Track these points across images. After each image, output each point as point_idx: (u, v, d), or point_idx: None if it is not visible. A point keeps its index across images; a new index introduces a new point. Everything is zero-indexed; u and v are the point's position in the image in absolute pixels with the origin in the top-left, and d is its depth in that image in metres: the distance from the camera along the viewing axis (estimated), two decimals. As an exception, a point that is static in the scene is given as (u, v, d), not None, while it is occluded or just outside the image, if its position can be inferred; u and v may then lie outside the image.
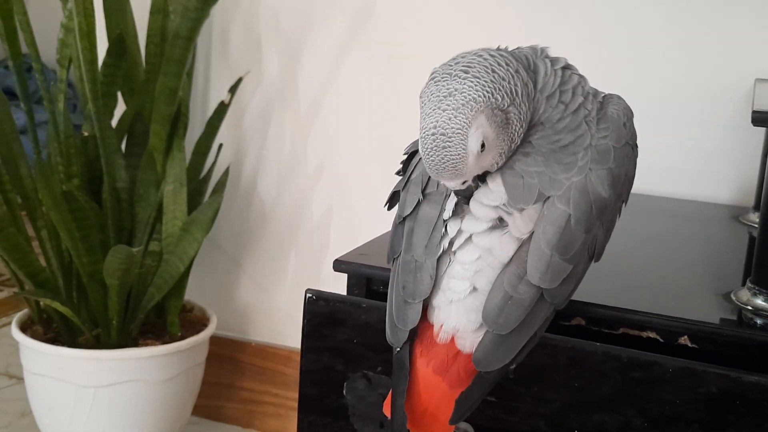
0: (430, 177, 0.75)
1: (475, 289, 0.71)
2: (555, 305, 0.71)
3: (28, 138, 1.51)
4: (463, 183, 0.71)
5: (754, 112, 0.79)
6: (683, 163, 1.43)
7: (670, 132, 1.43)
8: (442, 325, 0.73)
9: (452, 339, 0.72)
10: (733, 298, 0.90)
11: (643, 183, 1.42)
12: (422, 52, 1.57)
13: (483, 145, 0.68)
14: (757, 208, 1.27)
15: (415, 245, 0.75)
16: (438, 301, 0.73)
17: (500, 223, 0.72)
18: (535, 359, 0.79)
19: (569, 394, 0.80)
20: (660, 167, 1.43)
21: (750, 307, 0.87)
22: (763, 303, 0.87)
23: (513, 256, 0.70)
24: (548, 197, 0.71)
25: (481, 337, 0.71)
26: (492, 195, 0.72)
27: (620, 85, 1.41)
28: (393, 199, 0.82)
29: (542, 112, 0.73)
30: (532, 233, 0.70)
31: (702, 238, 1.24)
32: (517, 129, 0.71)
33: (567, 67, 0.76)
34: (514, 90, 0.70)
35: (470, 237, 0.72)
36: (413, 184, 0.78)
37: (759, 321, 0.85)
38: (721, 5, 1.39)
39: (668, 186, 1.43)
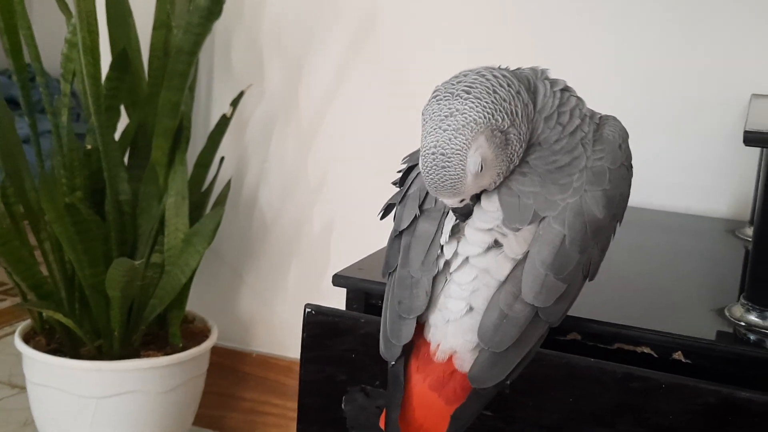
0: (428, 192, 0.77)
1: (471, 308, 0.72)
2: (550, 323, 0.72)
3: (30, 147, 1.52)
4: (461, 201, 0.72)
5: (746, 132, 0.80)
6: (680, 177, 1.44)
7: (666, 146, 1.44)
8: (439, 345, 0.73)
9: (450, 358, 0.73)
10: (727, 314, 0.92)
11: (639, 196, 1.43)
12: (424, 65, 1.59)
13: (482, 166, 0.70)
14: (752, 222, 1.28)
15: (412, 261, 0.76)
16: (435, 319, 0.74)
17: (496, 245, 0.73)
18: (530, 374, 0.80)
19: (565, 409, 0.81)
20: (656, 181, 1.44)
21: (743, 323, 0.89)
22: (757, 319, 0.88)
23: (508, 276, 0.72)
24: (543, 218, 0.72)
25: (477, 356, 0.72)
26: (486, 216, 0.73)
27: (617, 99, 1.43)
28: (387, 211, 0.83)
29: (540, 133, 0.75)
30: (527, 253, 0.72)
31: (698, 253, 1.25)
32: (516, 149, 0.72)
33: (566, 89, 0.77)
34: (514, 111, 0.71)
35: (467, 258, 0.73)
36: (411, 198, 0.79)
37: (752, 337, 0.87)
38: (719, 21, 1.40)
39: (665, 200, 1.44)
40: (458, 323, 0.72)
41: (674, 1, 1.42)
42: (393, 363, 0.75)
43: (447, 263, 0.74)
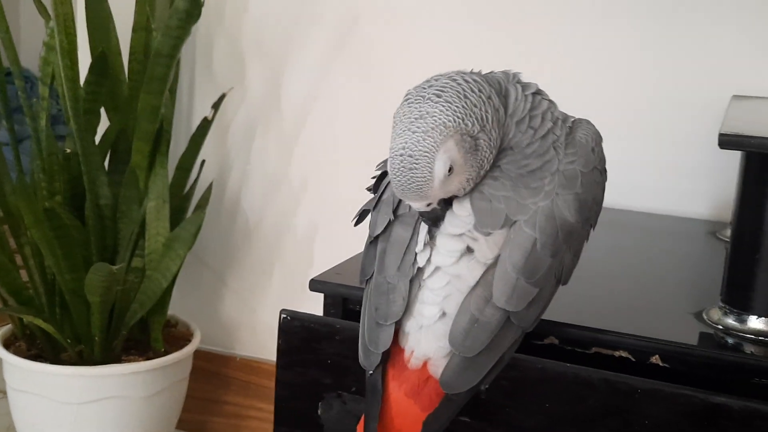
0: None
1: (444, 314, 0.72)
2: (522, 328, 0.72)
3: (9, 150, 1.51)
4: (428, 205, 0.72)
5: (720, 134, 0.80)
6: (661, 178, 1.44)
7: (648, 147, 1.44)
8: (413, 351, 0.73)
9: (424, 365, 0.73)
10: (705, 317, 0.91)
11: (619, 198, 1.43)
12: (405, 68, 1.58)
13: (451, 169, 0.69)
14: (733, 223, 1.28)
15: (388, 267, 0.75)
16: (409, 326, 0.74)
17: (468, 251, 0.72)
18: (508, 379, 0.79)
19: (543, 414, 0.80)
20: (637, 182, 1.44)
21: (721, 327, 0.88)
22: (734, 322, 0.88)
23: (480, 280, 0.71)
24: (515, 222, 0.72)
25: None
26: (458, 221, 0.73)
27: (597, 102, 1.43)
28: (362, 217, 0.83)
29: (512, 137, 0.74)
30: (498, 257, 0.71)
31: (678, 255, 1.25)
32: (486, 155, 0.72)
33: (537, 93, 0.77)
34: (484, 117, 0.70)
35: (439, 267, 0.73)
36: (384, 204, 0.78)
37: (730, 341, 0.86)
38: (700, 22, 1.40)
39: (646, 201, 1.44)
40: (431, 329, 0.72)
41: (654, 3, 1.42)
42: (371, 372, 0.74)
43: (420, 270, 0.74)
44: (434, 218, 0.73)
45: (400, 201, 0.77)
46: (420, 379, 0.73)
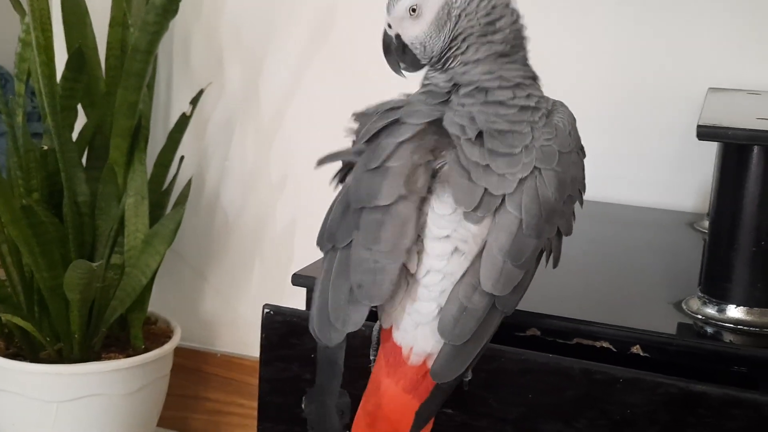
0: (409, 172, 0.73)
1: (441, 309, 0.72)
2: (505, 313, 0.72)
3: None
4: (389, 27, 0.81)
5: (699, 126, 0.81)
6: (639, 171, 1.45)
7: (626, 139, 1.45)
8: (412, 348, 0.73)
9: (424, 361, 0.73)
10: (685, 307, 0.92)
11: (598, 190, 1.44)
12: (383, 64, 1.58)
13: (417, 10, 0.77)
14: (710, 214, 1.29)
15: (383, 242, 0.71)
16: (405, 324, 0.73)
17: (456, 250, 0.72)
18: (491, 370, 0.80)
19: (526, 404, 0.81)
20: (616, 175, 1.45)
21: (700, 316, 0.89)
22: (713, 312, 0.89)
23: (468, 268, 0.71)
24: (501, 204, 0.71)
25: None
26: (443, 222, 0.72)
27: (576, 95, 1.43)
28: (342, 176, 0.81)
29: (487, 72, 0.76)
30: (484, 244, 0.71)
31: (657, 246, 1.26)
32: (458, 45, 0.76)
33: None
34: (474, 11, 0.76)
35: (429, 269, 0.73)
36: (394, 173, 0.73)
37: (709, 330, 0.87)
38: (677, 15, 1.41)
39: (624, 193, 1.45)
40: (429, 326, 0.72)
41: (631, -4, 1.43)
42: (330, 346, 0.72)
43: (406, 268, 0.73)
44: (385, 46, 0.81)
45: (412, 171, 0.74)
46: (418, 375, 0.73)
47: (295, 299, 1.01)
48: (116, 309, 1.51)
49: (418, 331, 0.72)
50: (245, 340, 1.77)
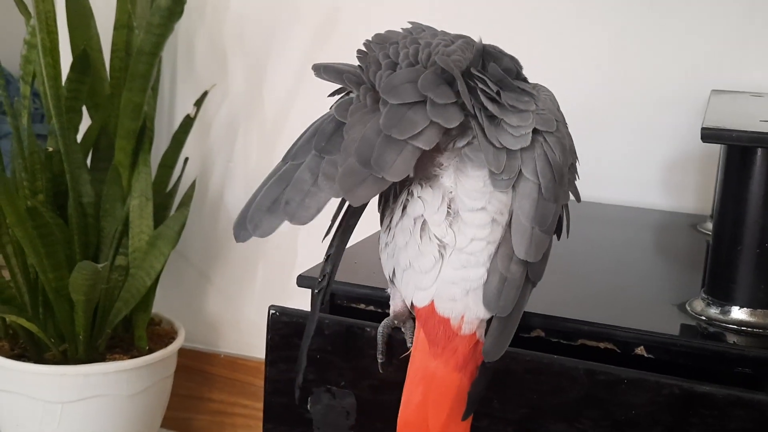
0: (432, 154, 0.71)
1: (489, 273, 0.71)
2: (534, 282, 0.72)
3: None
4: None
5: (703, 128, 0.81)
6: (642, 172, 1.46)
7: (628, 141, 1.46)
8: (463, 316, 0.71)
9: (475, 331, 0.71)
10: (688, 309, 0.93)
11: (601, 192, 1.45)
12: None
13: None
14: (713, 216, 1.30)
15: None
16: (452, 293, 0.71)
17: (492, 222, 0.72)
18: (495, 371, 0.80)
19: (530, 405, 0.81)
20: (619, 176, 1.46)
21: (704, 318, 0.90)
22: (717, 313, 0.89)
23: (500, 238, 0.71)
24: (519, 173, 0.71)
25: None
26: (476, 194, 0.72)
27: (579, 97, 1.44)
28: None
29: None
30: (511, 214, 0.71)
31: (660, 247, 1.27)
32: None
33: None
34: None
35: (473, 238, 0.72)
36: (412, 154, 0.67)
37: (712, 331, 0.88)
38: (679, 17, 1.42)
39: (627, 195, 1.46)
40: (479, 291, 0.71)
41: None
42: (237, 242, 0.72)
43: (441, 242, 0.72)
44: None
45: None
46: (469, 346, 0.71)
47: (299, 300, 1.02)
48: (121, 310, 1.52)
49: (470, 297, 0.71)
50: (249, 341, 1.77)
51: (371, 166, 0.66)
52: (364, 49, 0.80)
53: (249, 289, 1.77)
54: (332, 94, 0.81)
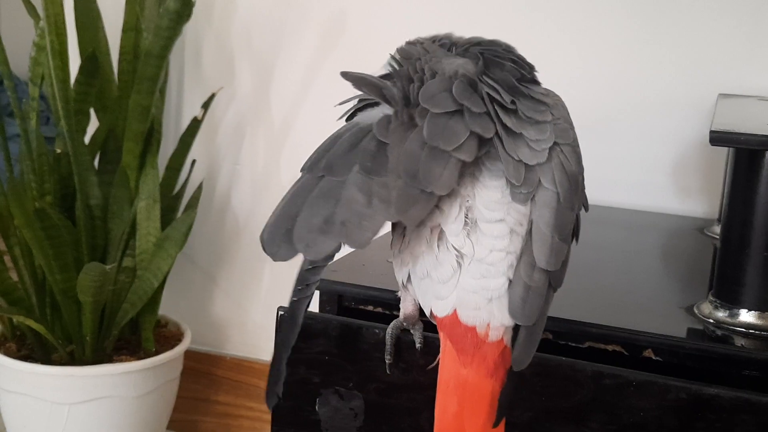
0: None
1: (510, 282, 0.71)
2: (555, 289, 0.72)
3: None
4: None
5: (711, 131, 0.81)
6: (649, 176, 1.46)
7: (635, 144, 1.46)
8: (489, 324, 0.71)
9: (502, 337, 0.71)
10: (696, 312, 0.93)
11: (608, 195, 1.45)
12: (393, 68, 1.59)
13: None
14: (720, 220, 1.30)
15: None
16: (476, 302, 0.72)
17: (511, 233, 0.72)
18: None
19: (537, 408, 0.81)
20: (626, 179, 1.46)
21: (712, 320, 0.90)
22: (725, 316, 0.89)
23: (522, 247, 0.72)
24: (538, 182, 0.72)
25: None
26: (495, 205, 0.72)
27: (586, 100, 1.45)
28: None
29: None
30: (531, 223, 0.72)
31: (667, 251, 1.27)
32: None
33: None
34: None
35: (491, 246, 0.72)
36: (456, 166, 0.68)
37: (720, 334, 0.88)
38: (686, 20, 1.42)
39: (634, 198, 1.46)
40: (502, 299, 0.71)
41: (641, 2, 1.44)
42: (309, 268, 0.71)
43: (459, 252, 0.72)
44: None
45: None
46: (497, 352, 0.71)
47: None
48: (128, 312, 1.52)
49: (493, 305, 0.71)
50: (255, 343, 1.78)
51: (419, 180, 0.67)
52: (393, 63, 0.80)
53: (255, 291, 1.77)
54: (343, 102, 0.81)
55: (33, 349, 1.55)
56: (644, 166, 1.46)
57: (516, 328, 0.71)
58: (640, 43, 1.45)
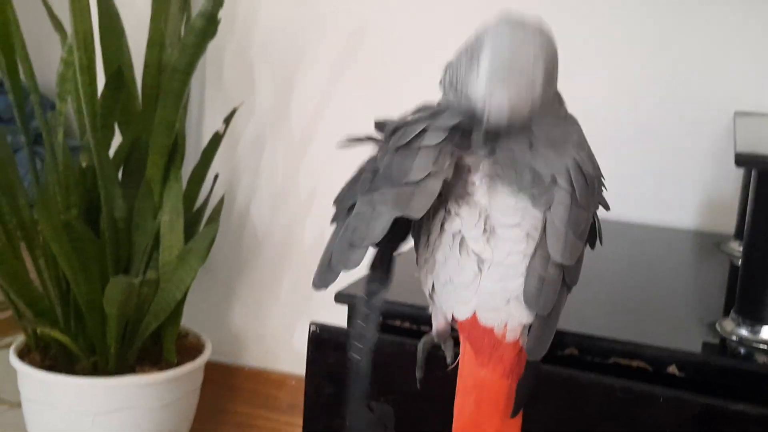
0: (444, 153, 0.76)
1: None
2: (570, 286, 0.75)
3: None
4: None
5: (737, 154, 0.83)
6: (666, 191, 1.48)
7: (653, 161, 1.48)
8: (506, 324, 0.74)
9: (519, 337, 0.74)
10: (718, 328, 0.95)
11: (626, 210, 1.47)
12: (412, 81, 1.61)
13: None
14: (737, 236, 1.32)
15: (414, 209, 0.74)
16: (494, 304, 0.75)
17: (528, 237, 0.75)
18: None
19: (565, 422, 0.83)
20: (643, 195, 1.48)
21: (734, 337, 0.92)
22: (747, 333, 0.91)
23: (537, 243, 0.74)
24: (553, 181, 0.75)
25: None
26: (510, 211, 0.75)
27: (603, 116, 1.47)
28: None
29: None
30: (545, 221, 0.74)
31: (685, 267, 1.29)
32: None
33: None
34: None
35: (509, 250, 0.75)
36: (426, 154, 0.75)
37: (743, 350, 0.90)
38: (703, 40, 1.44)
39: (651, 213, 1.48)
40: (519, 299, 0.74)
41: (657, 17, 1.46)
42: (323, 289, 0.77)
43: (480, 257, 0.75)
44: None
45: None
46: (514, 352, 0.74)
47: (323, 314, 1.04)
48: (151, 323, 1.54)
49: (511, 305, 0.74)
50: (274, 354, 1.80)
51: (398, 178, 0.75)
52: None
53: (274, 302, 1.80)
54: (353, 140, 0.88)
55: (56, 360, 1.57)
56: (661, 182, 1.48)
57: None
58: (658, 62, 1.47)
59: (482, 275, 0.75)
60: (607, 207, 0.81)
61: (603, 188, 0.82)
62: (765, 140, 1.05)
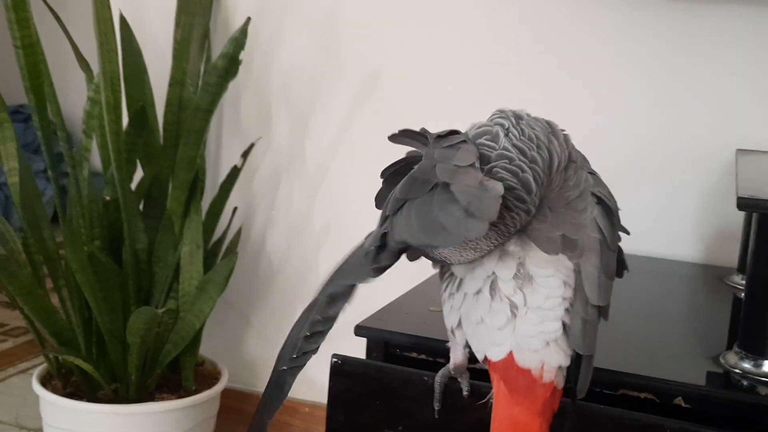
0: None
1: (565, 325, 0.79)
2: (604, 320, 0.81)
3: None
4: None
5: (739, 198, 0.88)
6: (670, 225, 1.52)
7: (656, 195, 1.53)
8: (543, 365, 0.78)
9: (554, 378, 0.78)
10: (722, 361, 0.99)
11: (632, 244, 1.51)
12: (424, 122, 1.66)
13: None
14: (740, 270, 1.36)
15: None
16: (532, 345, 0.79)
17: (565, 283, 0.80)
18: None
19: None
20: (646, 228, 1.52)
21: (738, 371, 0.96)
22: (750, 367, 0.96)
23: (575, 288, 0.80)
24: (583, 239, 0.80)
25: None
26: (545, 263, 0.80)
27: (608, 153, 1.51)
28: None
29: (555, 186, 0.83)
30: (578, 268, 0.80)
31: (689, 299, 1.33)
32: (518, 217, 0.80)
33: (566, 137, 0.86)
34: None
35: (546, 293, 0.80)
36: (467, 150, 0.81)
37: (746, 383, 0.94)
38: (705, 79, 1.49)
39: (655, 246, 1.52)
40: (559, 340, 0.78)
41: (661, 56, 1.51)
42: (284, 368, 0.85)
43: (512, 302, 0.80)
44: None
45: None
46: (548, 392, 0.78)
47: (336, 343, 1.07)
48: (170, 352, 1.59)
49: (550, 347, 0.79)
50: (288, 383, 1.83)
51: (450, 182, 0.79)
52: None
53: (287, 331, 1.83)
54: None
55: (78, 387, 1.62)
56: (665, 216, 1.53)
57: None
58: (663, 102, 1.52)
59: (517, 319, 0.79)
60: (627, 232, 0.86)
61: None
62: (766, 181, 1.09)
